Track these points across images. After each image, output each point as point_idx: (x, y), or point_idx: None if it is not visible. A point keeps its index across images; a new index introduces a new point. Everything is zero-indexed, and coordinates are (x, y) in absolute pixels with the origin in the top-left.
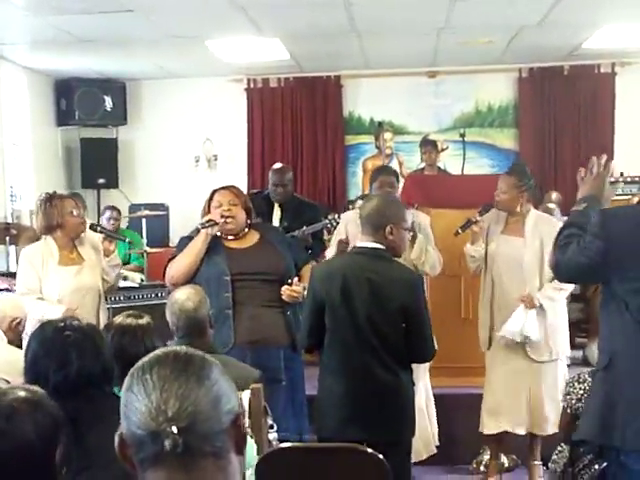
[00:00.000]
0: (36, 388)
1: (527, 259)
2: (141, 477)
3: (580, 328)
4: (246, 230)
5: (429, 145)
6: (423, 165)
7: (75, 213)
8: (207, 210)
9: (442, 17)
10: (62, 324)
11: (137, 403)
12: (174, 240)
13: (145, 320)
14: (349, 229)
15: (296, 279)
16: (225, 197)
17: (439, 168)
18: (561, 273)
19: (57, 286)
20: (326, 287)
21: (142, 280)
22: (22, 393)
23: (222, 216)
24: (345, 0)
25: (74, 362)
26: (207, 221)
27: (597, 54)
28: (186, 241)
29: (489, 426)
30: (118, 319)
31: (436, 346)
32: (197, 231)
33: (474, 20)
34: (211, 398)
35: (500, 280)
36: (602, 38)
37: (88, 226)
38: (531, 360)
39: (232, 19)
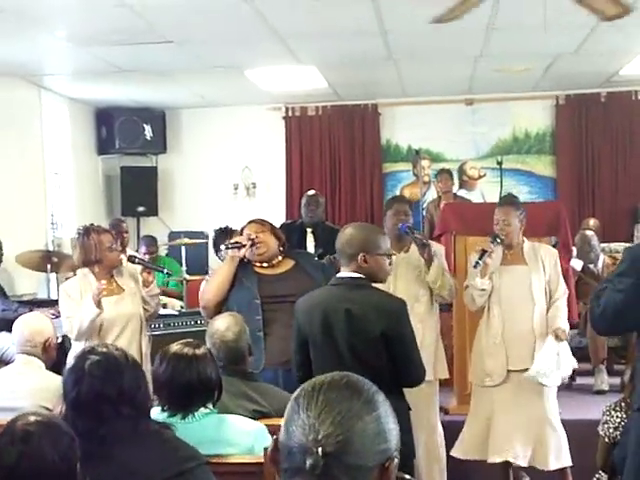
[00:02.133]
0: (45, 411)
1: (535, 284)
2: None
3: (619, 355)
4: (280, 258)
5: (442, 174)
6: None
7: (112, 247)
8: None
9: (478, 45)
10: (90, 348)
11: (297, 416)
12: (213, 268)
13: (202, 350)
14: None
15: None
16: (251, 229)
17: (455, 195)
18: (600, 323)
19: (98, 318)
20: (307, 321)
21: (181, 307)
22: (32, 417)
23: (249, 239)
24: (381, 28)
25: (86, 380)
26: (232, 243)
27: (634, 80)
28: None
29: (492, 455)
30: (174, 347)
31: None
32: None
33: (510, 48)
34: (368, 433)
35: (511, 311)
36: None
37: (126, 258)
38: (540, 387)
39: (270, 48)
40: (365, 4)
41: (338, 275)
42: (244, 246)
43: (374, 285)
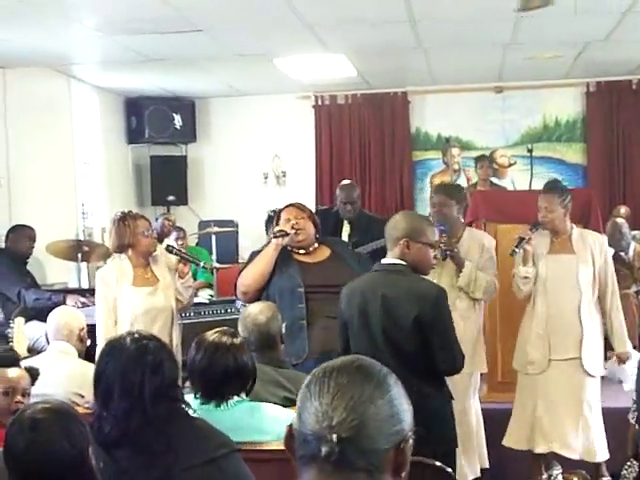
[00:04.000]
0: (54, 399)
1: (582, 273)
2: (299, 472)
3: None
4: (316, 245)
5: (485, 160)
6: (476, 180)
7: (147, 233)
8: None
9: (508, 32)
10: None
11: (309, 403)
12: (243, 256)
13: (239, 339)
14: None
15: None
16: (291, 213)
17: (491, 182)
18: None
19: (130, 307)
20: (347, 305)
21: (211, 296)
22: (40, 406)
23: (292, 227)
24: (410, 16)
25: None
26: (279, 231)
27: None
28: (257, 255)
29: (539, 445)
30: (211, 336)
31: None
32: (268, 244)
33: (540, 35)
34: (381, 416)
35: (556, 300)
36: None
37: (164, 247)
38: (585, 376)
39: (299, 37)
40: None
41: (382, 261)
42: (288, 234)
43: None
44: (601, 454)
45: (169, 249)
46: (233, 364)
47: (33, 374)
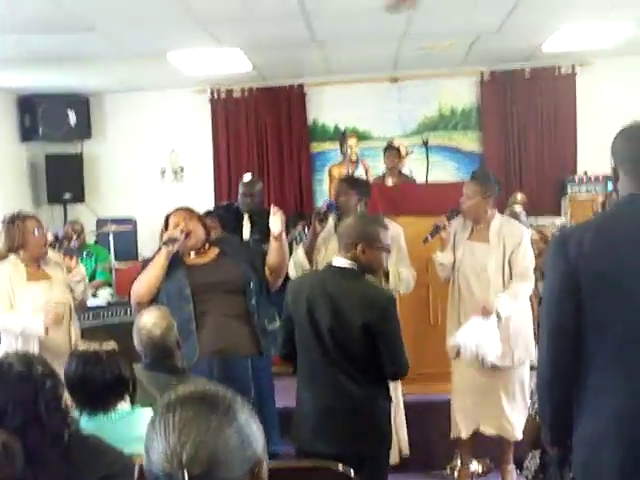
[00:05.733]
0: None
1: (491, 264)
2: None
3: None
4: (207, 247)
5: (392, 150)
6: (384, 171)
7: (37, 233)
8: (164, 234)
9: (402, 25)
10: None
11: (156, 442)
12: (143, 253)
13: (111, 346)
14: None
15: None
16: (180, 216)
17: (400, 172)
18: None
19: (29, 301)
20: (294, 300)
21: (111, 295)
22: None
23: (182, 231)
24: (303, 10)
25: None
26: (168, 239)
27: (557, 56)
28: (148, 262)
29: (459, 430)
30: (82, 346)
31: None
32: (159, 251)
33: (434, 27)
34: (231, 446)
35: (467, 287)
36: (561, 40)
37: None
38: (493, 365)
39: (192, 32)
40: None
41: (334, 262)
42: (177, 240)
43: (366, 276)
44: (515, 433)
45: (52, 245)
46: (105, 373)
47: None
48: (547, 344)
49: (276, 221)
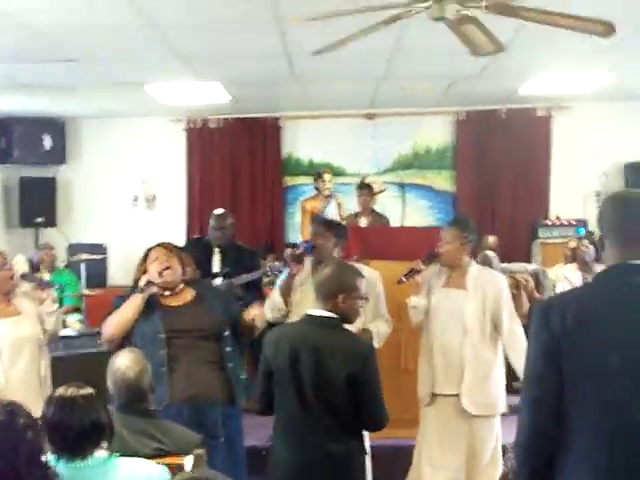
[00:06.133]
0: None
1: (469, 311)
2: None
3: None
4: (181, 286)
5: (364, 189)
6: (358, 209)
7: (3, 267)
8: (143, 267)
9: (382, 68)
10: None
11: None
12: (113, 279)
13: (88, 390)
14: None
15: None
16: (160, 252)
17: (373, 211)
18: None
19: None
20: (274, 353)
21: (80, 321)
22: None
23: (159, 272)
24: (286, 52)
25: None
26: (146, 283)
27: (534, 98)
28: (120, 301)
29: (426, 478)
30: (59, 391)
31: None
32: (132, 291)
33: (415, 70)
34: None
35: (442, 334)
36: (538, 84)
37: (19, 275)
38: (467, 415)
39: (173, 67)
40: (270, 30)
41: (311, 312)
42: (155, 284)
43: (344, 326)
44: None
45: (24, 277)
46: (86, 419)
47: None
48: (527, 415)
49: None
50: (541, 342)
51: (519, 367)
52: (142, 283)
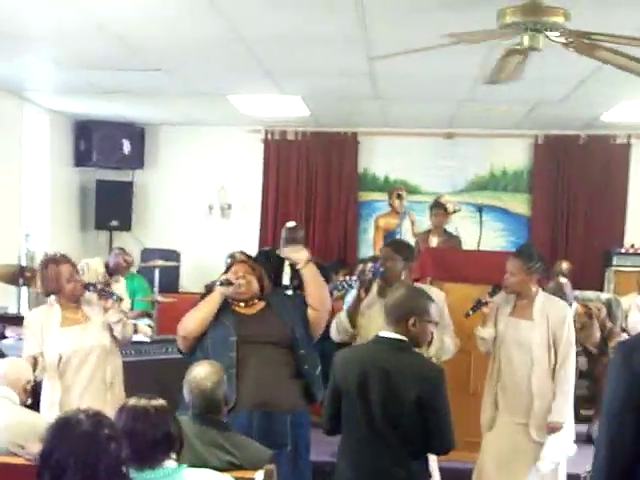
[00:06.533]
0: None
1: (536, 343)
2: None
3: (586, 400)
4: (256, 301)
5: (439, 208)
6: (429, 227)
7: (72, 278)
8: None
9: (465, 91)
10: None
11: None
12: (184, 286)
13: (159, 402)
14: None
15: None
16: (242, 267)
17: (445, 230)
18: None
19: (57, 347)
20: (343, 375)
21: (151, 326)
22: None
23: (237, 278)
24: (372, 72)
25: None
26: (225, 280)
27: (613, 125)
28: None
29: None
30: (131, 401)
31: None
32: (208, 290)
33: (496, 94)
34: None
35: (508, 362)
36: (619, 112)
37: (83, 285)
38: (533, 443)
39: (257, 80)
40: (356, 50)
41: (382, 334)
42: (232, 284)
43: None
44: None
45: (87, 287)
46: (157, 430)
47: None
48: (605, 456)
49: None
50: (622, 382)
51: (559, 402)
52: (221, 279)
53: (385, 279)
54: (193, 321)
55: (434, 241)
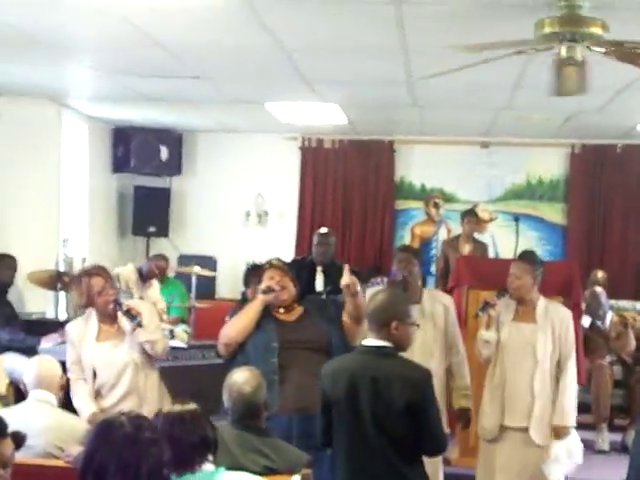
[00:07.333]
0: None
1: (540, 343)
2: None
3: (622, 410)
4: (295, 306)
5: (472, 216)
6: (461, 234)
7: (103, 292)
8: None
9: (504, 100)
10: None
11: None
12: (220, 293)
13: (193, 407)
14: None
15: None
16: (275, 272)
17: (474, 238)
18: None
19: (91, 362)
20: (331, 385)
21: (186, 332)
22: None
23: (278, 284)
24: (409, 81)
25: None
26: (267, 287)
27: None
28: (239, 308)
29: None
30: (166, 407)
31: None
32: (244, 300)
33: (533, 103)
34: None
35: (512, 368)
36: None
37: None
38: (534, 447)
39: (296, 88)
40: (395, 58)
41: (365, 343)
42: (274, 291)
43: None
44: None
45: (115, 304)
46: (194, 434)
47: (18, 441)
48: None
49: (345, 274)
50: None
51: (563, 403)
52: (262, 286)
53: (405, 284)
54: (236, 329)
55: (466, 248)
